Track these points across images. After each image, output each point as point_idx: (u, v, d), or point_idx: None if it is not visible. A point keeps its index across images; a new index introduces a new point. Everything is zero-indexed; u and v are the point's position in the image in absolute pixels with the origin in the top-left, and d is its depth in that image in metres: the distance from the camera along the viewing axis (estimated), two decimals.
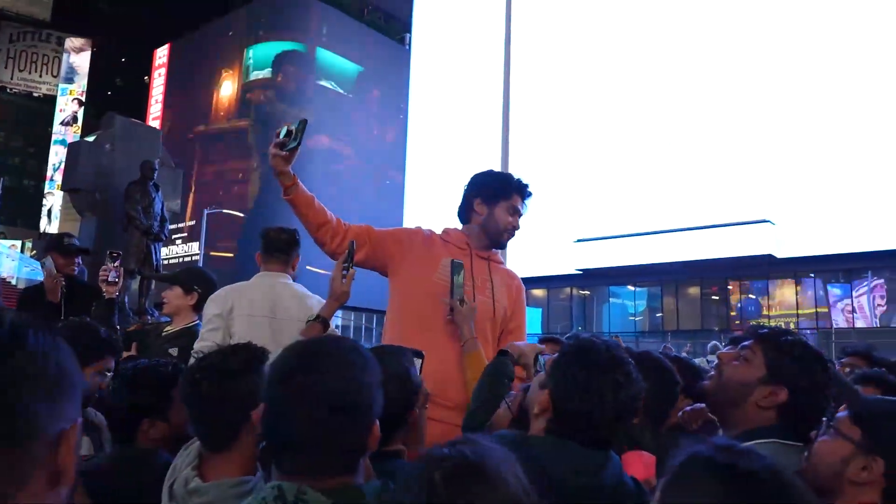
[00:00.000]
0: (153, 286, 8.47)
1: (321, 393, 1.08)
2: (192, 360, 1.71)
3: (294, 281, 2.88)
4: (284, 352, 1.16)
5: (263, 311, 2.70)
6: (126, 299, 8.25)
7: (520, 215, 2.45)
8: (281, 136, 2.23)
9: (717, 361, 1.73)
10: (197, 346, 2.59)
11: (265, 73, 30.48)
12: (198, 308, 3.06)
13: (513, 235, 2.45)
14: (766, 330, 1.64)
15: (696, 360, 5.24)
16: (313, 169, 24.83)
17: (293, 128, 2.22)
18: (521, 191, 2.46)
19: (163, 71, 36.74)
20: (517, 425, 1.68)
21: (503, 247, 2.49)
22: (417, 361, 1.82)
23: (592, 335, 1.47)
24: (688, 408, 2.02)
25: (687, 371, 2.03)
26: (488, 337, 2.36)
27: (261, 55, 30.74)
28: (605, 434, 1.36)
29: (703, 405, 2.02)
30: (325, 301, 2.32)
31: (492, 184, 2.47)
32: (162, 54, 37.18)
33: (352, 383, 1.10)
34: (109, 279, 3.25)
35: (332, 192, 26.94)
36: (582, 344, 1.42)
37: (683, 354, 2.71)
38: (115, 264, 3.28)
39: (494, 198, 2.44)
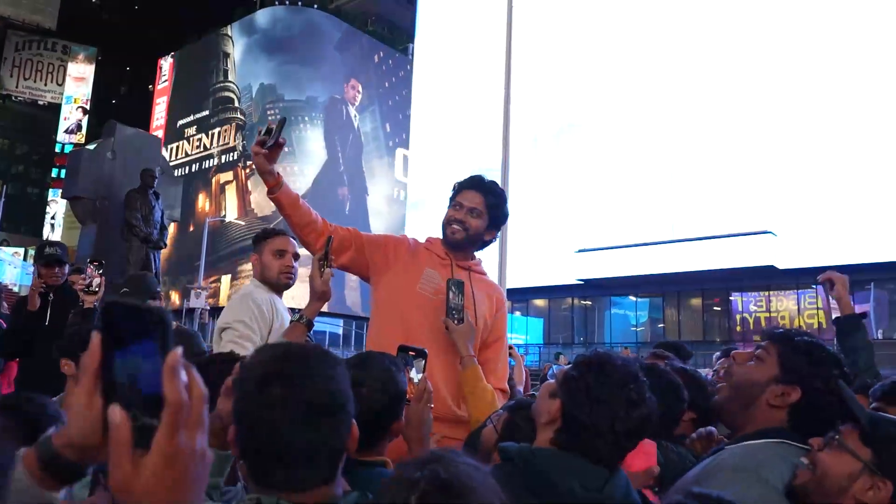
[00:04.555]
0: None
1: (301, 395, 1.04)
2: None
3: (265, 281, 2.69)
4: (250, 361, 1.11)
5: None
6: None
7: (461, 207, 2.39)
8: (261, 134, 2.18)
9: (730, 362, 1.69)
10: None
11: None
12: None
13: (453, 226, 2.38)
14: (780, 330, 1.61)
15: (702, 371, 5.20)
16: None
17: (274, 126, 2.17)
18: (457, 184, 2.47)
19: (166, 80, 36.90)
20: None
21: (454, 245, 2.40)
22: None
23: (606, 350, 1.45)
24: (693, 434, 1.99)
25: (692, 384, 1.98)
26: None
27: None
28: (612, 450, 1.33)
29: (712, 430, 2.00)
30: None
31: None
32: (166, 64, 37.36)
33: (329, 382, 1.07)
34: (92, 286, 3.08)
35: (334, 196, 27.01)
36: (598, 357, 1.40)
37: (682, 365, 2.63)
38: (97, 272, 3.09)
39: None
